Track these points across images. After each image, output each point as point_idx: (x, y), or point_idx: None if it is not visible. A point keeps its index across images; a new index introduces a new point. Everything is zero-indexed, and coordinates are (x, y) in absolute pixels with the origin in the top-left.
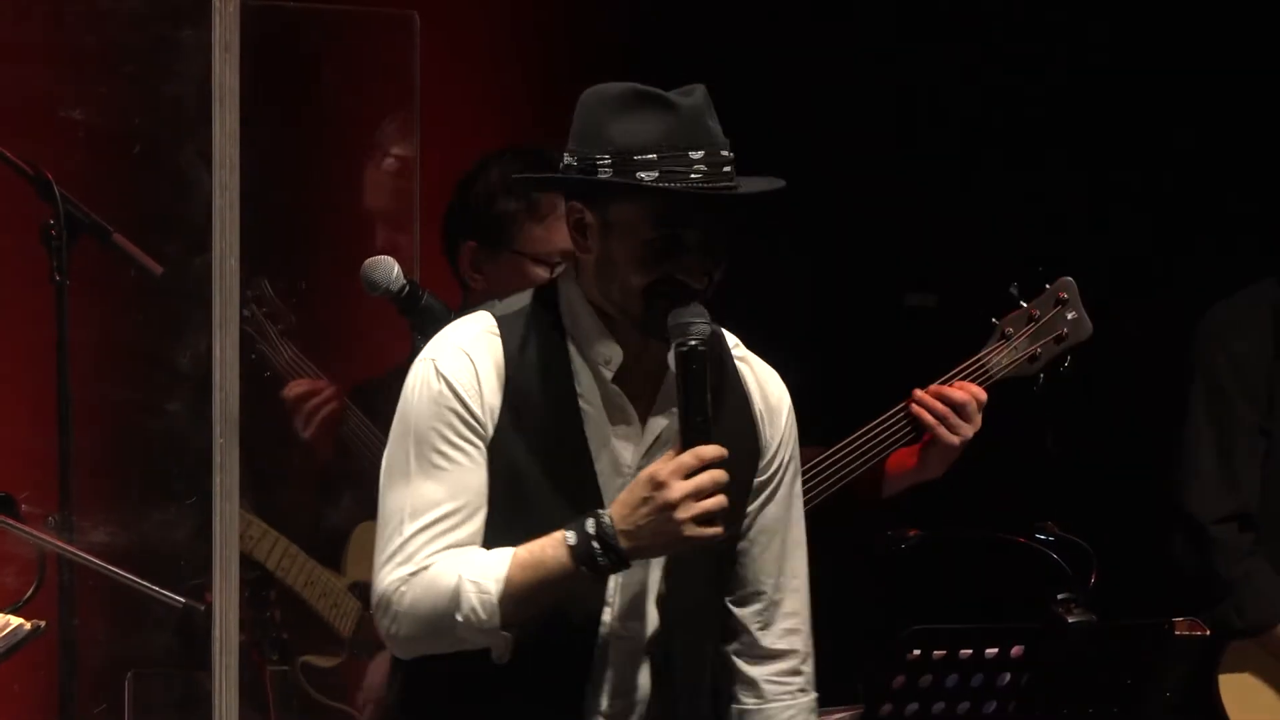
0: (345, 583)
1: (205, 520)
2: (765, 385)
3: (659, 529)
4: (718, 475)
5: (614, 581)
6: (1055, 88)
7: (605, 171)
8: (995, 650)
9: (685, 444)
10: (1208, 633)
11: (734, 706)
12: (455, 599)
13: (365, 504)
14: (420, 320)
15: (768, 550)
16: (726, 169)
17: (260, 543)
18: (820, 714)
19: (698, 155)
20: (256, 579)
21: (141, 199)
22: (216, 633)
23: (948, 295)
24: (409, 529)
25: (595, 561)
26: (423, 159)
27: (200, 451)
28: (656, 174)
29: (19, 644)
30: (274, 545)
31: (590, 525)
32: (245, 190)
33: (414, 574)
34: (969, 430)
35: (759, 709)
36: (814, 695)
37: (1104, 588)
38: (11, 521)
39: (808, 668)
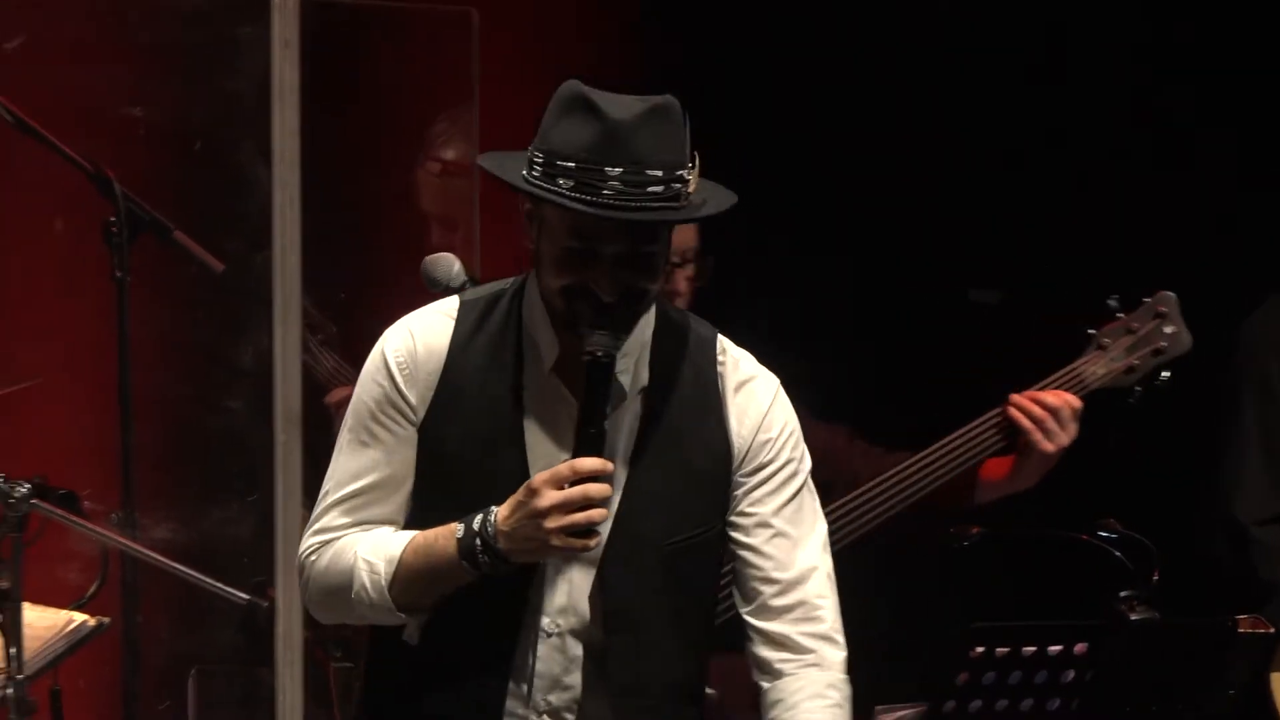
0: None
1: (267, 517)
2: (745, 388)
3: (529, 535)
4: (591, 489)
5: (545, 576)
6: (1125, 87)
7: (537, 170)
8: (1058, 647)
9: (575, 452)
10: (1271, 630)
11: (765, 699)
12: (350, 575)
13: None
14: None
15: (772, 544)
16: (653, 189)
17: None
18: (883, 712)
19: (615, 172)
20: None
21: (202, 196)
22: (280, 629)
23: (1010, 291)
24: (329, 499)
25: (476, 558)
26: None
27: (261, 448)
28: (572, 183)
29: (83, 640)
30: None
31: (478, 522)
32: (305, 187)
33: (325, 544)
34: (1064, 438)
35: (781, 700)
36: (843, 691)
37: (1167, 585)
38: (75, 518)
39: (835, 656)
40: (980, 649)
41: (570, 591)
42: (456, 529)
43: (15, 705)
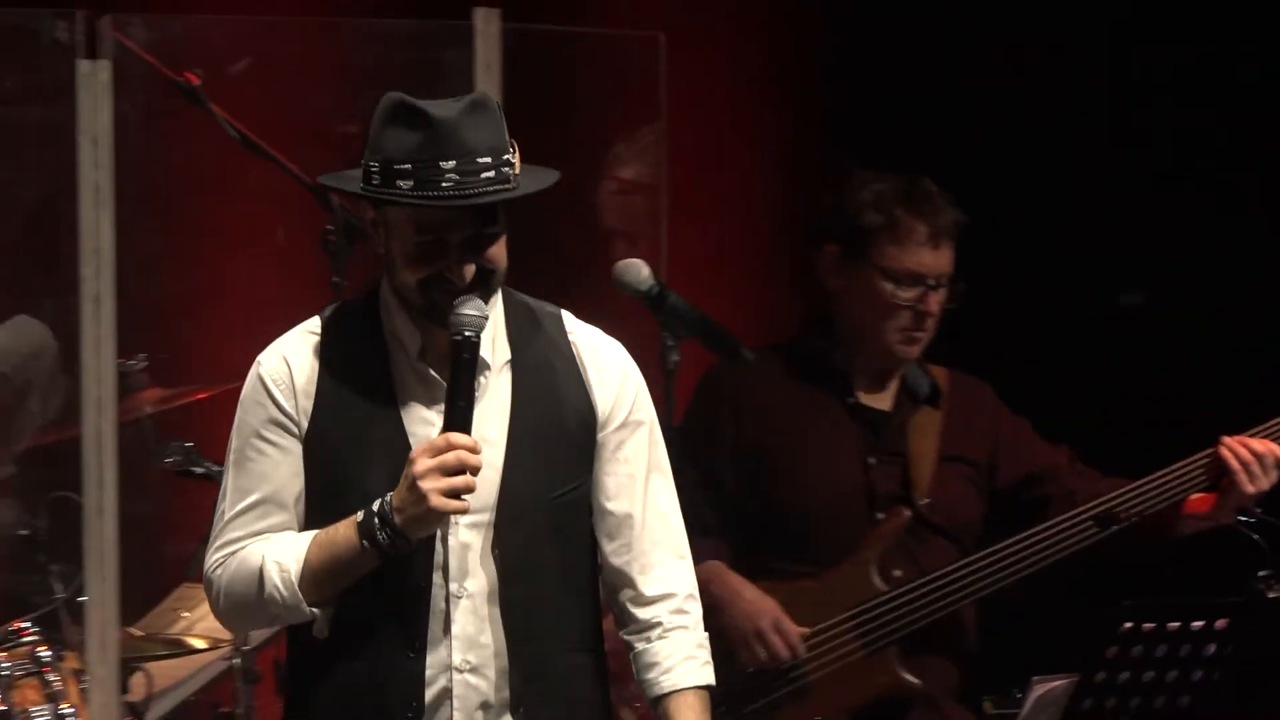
0: None
1: None
2: (598, 355)
3: (414, 501)
4: (465, 456)
5: (447, 546)
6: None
7: (375, 178)
8: (1201, 623)
9: (445, 426)
10: None
11: (630, 652)
12: (260, 578)
13: None
14: (667, 318)
15: (628, 503)
16: (486, 174)
17: None
18: (1039, 682)
19: (449, 165)
20: None
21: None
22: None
23: (1157, 293)
24: (226, 517)
25: (376, 537)
26: (669, 171)
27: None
28: (412, 183)
29: None
30: None
31: (376, 504)
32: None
33: (229, 555)
34: (1265, 484)
35: (645, 649)
36: (701, 634)
37: None
38: None
39: (691, 606)
40: (1129, 624)
41: (470, 556)
42: (358, 516)
43: (243, 674)
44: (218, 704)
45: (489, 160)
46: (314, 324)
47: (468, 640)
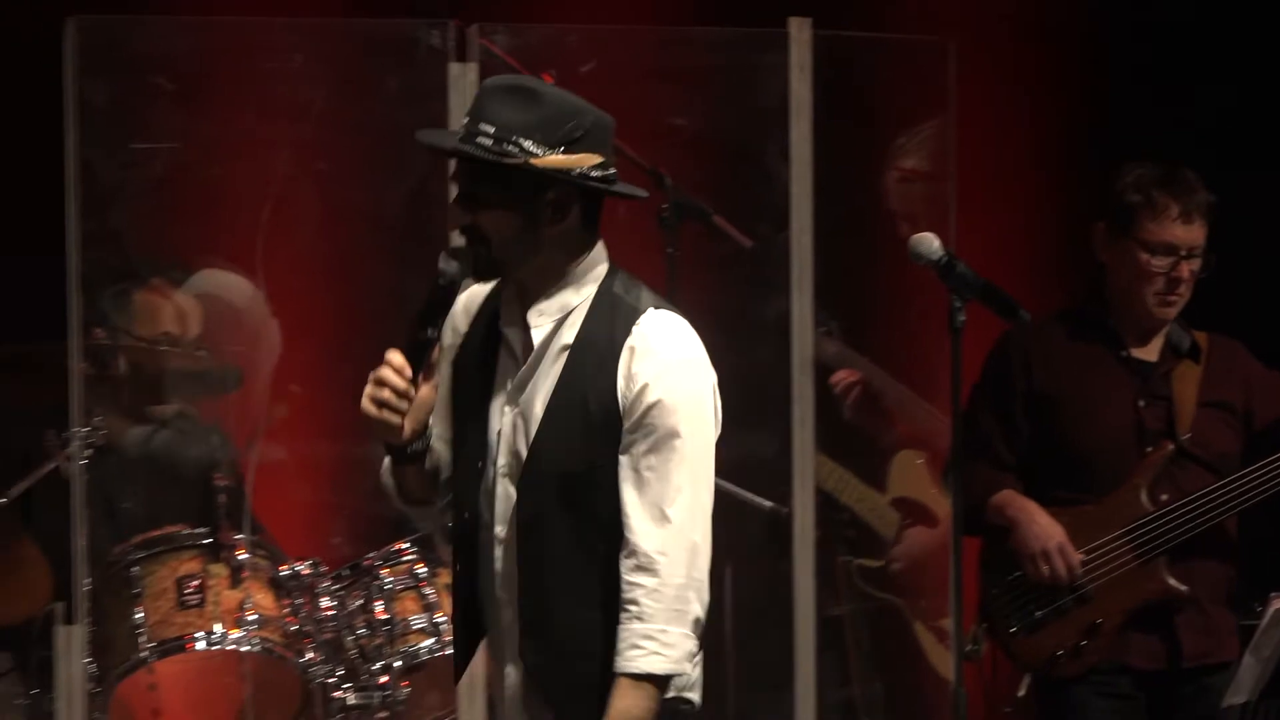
0: (887, 499)
1: (785, 441)
2: (642, 358)
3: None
4: (384, 372)
5: (487, 488)
6: None
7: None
8: None
9: (403, 348)
10: None
11: None
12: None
13: (901, 440)
14: (955, 284)
15: (633, 488)
16: (481, 140)
17: (819, 470)
18: (1275, 597)
19: (464, 122)
20: (827, 493)
21: (734, 188)
22: (797, 530)
23: None
24: None
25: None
26: (957, 163)
27: (781, 388)
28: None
29: None
30: (831, 471)
31: None
32: (816, 183)
33: None
34: None
35: (618, 625)
36: (650, 625)
37: None
38: None
39: (649, 602)
40: None
41: (505, 506)
42: None
43: None
44: None
45: (490, 130)
46: None
47: (504, 577)
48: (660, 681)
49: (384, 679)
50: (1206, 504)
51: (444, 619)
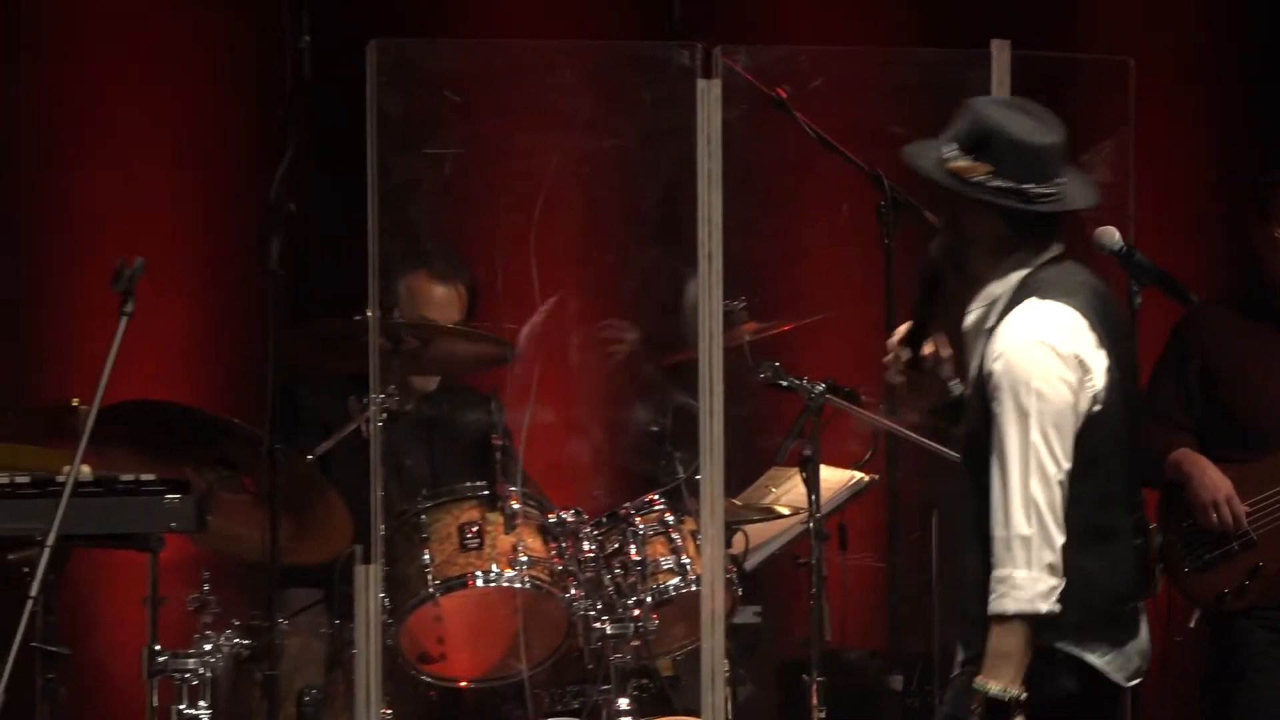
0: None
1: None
2: (993, 340)
3: None
4: (891, 349)
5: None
6: None
7: None
8: None
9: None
10: None
11: None
12: None
13: None
14: (1133, 271)
15: (992, 451)
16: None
17: None
18: None
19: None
20: None
21: (941, 187)
22: None
23: None
24: None
25: None
26: (1137, 176)
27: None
28: None
29: (860, 491)
30: None
31: None
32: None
33: None
34: None
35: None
36: (1001, 570)
37: None
38: (854, 407)
39: (1000, 550)
40: None
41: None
42: None
43: (814, 534)
44: (796, 555)
45: (942, 149)
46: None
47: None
48: (1020, 620)
49: (636, 612)
50: None
51: (689, 560)
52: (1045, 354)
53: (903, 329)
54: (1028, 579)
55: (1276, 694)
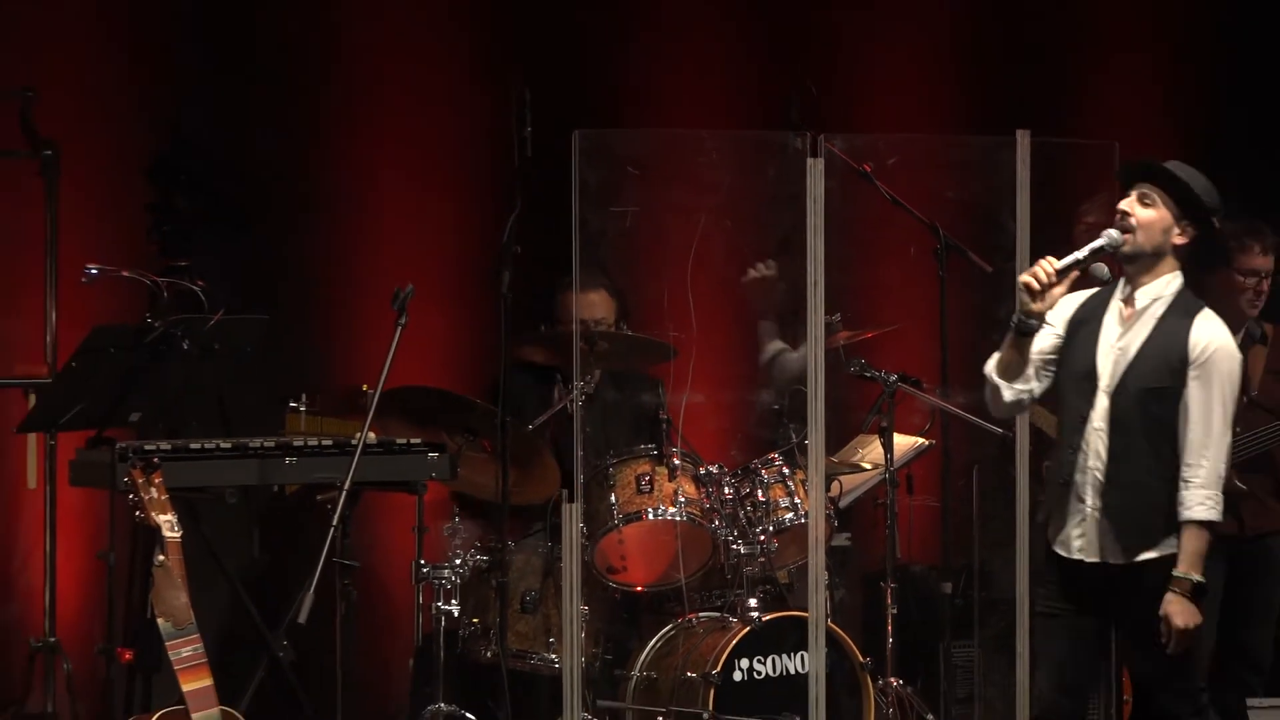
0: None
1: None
2: (1200, 325)
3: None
4: (1042, 268)
5: (1086, 396)
6: None
7: None
8: None
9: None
10: None
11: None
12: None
13: None
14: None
15: (1185, 421)
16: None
17: (1041, 417)
18: None
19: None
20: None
21: (981, 236)
22: (1018, 446)
23: None
24: None
25: (1012, 320)
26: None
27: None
28: None
29: (922, 452)
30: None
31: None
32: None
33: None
34: None
35: (1182, 491)
36: (1204, 491)
37: None
38: (919, 391)
39: (1201, 489)
40: None
41: (1103, 408)
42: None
43: (889, 482)
44: (876, 498)
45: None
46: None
47: (1094, 453)
48: (1211, 526)
49: (762, 538)
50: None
51: (799, 500)
52: (1234, 352)
53: (1060, 262)
54: (1219, 497)
55: None
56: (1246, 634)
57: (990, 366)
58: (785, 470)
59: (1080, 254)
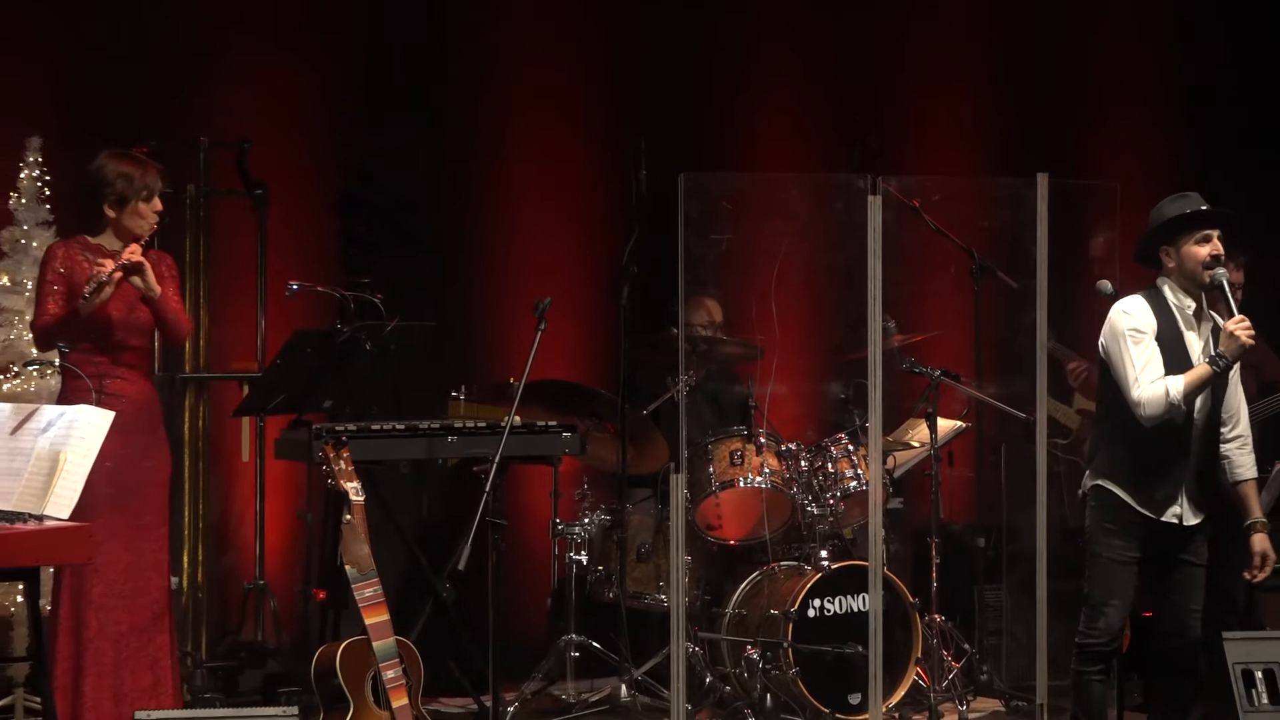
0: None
1: (1031, 384)
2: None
3: (1228, 340)
4: (1235, 325)
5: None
6: None
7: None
8: None
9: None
10: None
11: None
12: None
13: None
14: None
15: (1230, 393)
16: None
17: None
18: None
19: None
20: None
21: (1009, 257)
22: (1037, 432)
23: None
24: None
25: (1215, 362)
26: (1120, 251)
27: (1028, 358)
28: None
29: (960, 433)
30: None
31: (1213, 350)
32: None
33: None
34: None
35: (1240, 454)
36: (1251, 457)
37: None
38: (958, 384)
39: (1248, 442)
40: None
41: (1203, 399)
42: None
43: (934, 457)
44: (924, 469)
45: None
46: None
47: (1192, 439)
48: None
49: (831, 502)
50: None
51: (861, 471)
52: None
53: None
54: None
55: None
56: (1229, 582)
57: (1177, 394)
58: (850, 447)
59: (1231, 298)
